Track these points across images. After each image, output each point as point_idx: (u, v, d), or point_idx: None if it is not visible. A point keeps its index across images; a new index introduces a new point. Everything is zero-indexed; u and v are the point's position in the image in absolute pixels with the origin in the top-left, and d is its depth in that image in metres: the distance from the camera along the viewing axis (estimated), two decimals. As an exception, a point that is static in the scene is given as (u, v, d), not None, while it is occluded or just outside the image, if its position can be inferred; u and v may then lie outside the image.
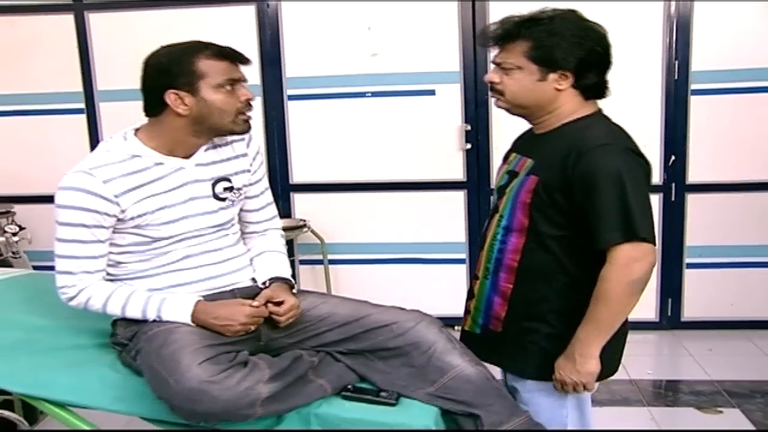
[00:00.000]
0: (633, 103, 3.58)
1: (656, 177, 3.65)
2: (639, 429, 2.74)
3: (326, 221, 3.83)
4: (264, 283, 1.86)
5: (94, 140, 3.91)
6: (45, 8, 3.82)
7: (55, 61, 3.87)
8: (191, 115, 1.69)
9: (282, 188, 3.88)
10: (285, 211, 3.83)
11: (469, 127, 3.73)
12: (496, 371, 1.85)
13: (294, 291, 1.86)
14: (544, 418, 1.72)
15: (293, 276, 1.95)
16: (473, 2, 3.63)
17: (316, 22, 3.74)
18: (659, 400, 3.01)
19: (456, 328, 2.06)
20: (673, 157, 3.65)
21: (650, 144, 3.62)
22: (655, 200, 3.67)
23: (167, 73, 1.67)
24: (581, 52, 1.65)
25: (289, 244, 3.68)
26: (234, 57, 1.71)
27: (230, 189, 1.83)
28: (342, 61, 3.76)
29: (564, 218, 1.67)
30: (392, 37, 3.72)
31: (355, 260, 3.93)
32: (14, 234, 2.90)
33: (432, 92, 3.74)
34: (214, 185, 1.80)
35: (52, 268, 3.05)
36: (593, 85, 1.71)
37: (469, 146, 3.74)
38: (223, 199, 1.81)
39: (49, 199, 3.88)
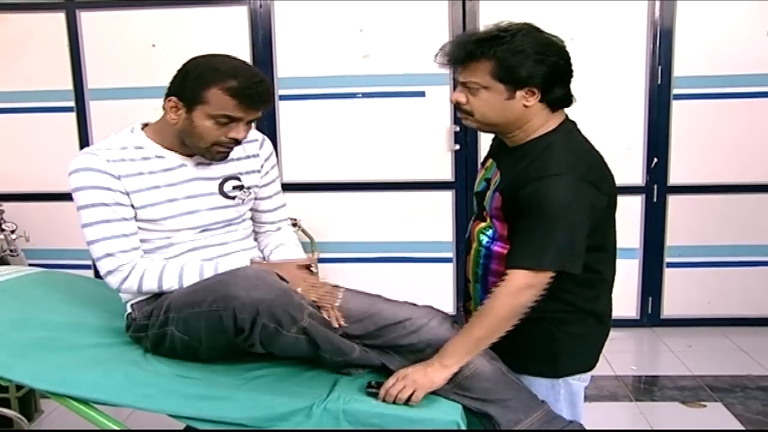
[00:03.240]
0: (618, 107, 3.71)
1: (639, 178, 3.78)
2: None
3: (316, 220, 3.85)
4: None
5: (84, 139, 3.91)
6: (36, 6, 3.80)
7: (46, 59, 3.85)
8: (176, 126, 1.74)
9: (273, 187, 3.89)
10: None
11: (457, 129, 3.78)
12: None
13: None
14: None
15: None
16: (464, 5, 3.69)
17: (308, 24, 3.77)
18: (645, 395, 3.10)
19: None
20: (655, 160, 3.75)
21: (634, 146, 3.75)
22: (638, 201, 3.80)
23: (182, 82, 1.71)
24: (545, 68, 1.64)
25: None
26: (250, 102, 1.68)
27: (240, 188, 1.87)
28: (333, 62, 3.80)
29: None
30: (383, 39, 3.76)
31: (345, 259, 3.96)
32: (12, 231, 2.90)
33: (422, 94, 3.79)
34: (222, 183, 1.85)
35: (46, 266, 3.07)
36: (559, 98, 1.71)
37: (457, 147, 3.81)
38: (233, 197, 1.85)
39: (37, 197, 3.93)
